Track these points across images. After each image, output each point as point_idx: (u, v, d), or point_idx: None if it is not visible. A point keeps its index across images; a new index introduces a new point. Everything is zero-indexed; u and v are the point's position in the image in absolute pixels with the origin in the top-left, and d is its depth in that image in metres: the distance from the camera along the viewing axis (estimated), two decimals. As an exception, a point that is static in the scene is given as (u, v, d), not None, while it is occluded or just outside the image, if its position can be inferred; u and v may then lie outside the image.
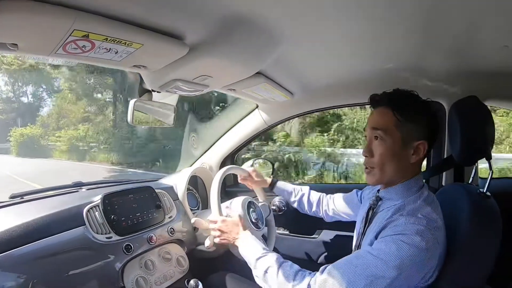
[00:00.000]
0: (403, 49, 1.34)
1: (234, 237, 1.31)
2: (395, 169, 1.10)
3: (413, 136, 1.07)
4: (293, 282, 1.04)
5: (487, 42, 1.23)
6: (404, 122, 1.07)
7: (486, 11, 0.96)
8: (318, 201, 1.70)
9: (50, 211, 1.22)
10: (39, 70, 14.63)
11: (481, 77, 1.58)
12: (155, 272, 1.40)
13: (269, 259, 1.14)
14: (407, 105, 1.09)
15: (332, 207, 1.64)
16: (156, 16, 0.87)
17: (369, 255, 0.97)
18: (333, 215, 1.65)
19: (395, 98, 1.10)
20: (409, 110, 1.08)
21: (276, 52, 1.26)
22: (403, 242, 0.94)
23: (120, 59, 0.97)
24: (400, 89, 1.12)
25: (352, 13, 1.00)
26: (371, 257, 0.96)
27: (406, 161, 1.08)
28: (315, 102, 2.03)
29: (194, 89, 1.34)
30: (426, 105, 1.11)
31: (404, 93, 1.12)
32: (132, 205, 1.45)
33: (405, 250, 0.93)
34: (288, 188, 1.76)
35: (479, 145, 1.18)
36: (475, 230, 1.05)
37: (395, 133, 1.07)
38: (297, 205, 1.73)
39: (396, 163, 1.09)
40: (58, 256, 1.14)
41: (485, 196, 1.14)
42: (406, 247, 0.93)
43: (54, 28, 0.74)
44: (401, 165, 1.09)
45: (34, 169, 10.86)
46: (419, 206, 1.04)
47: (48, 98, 16.02)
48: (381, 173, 1.11)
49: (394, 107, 1.08)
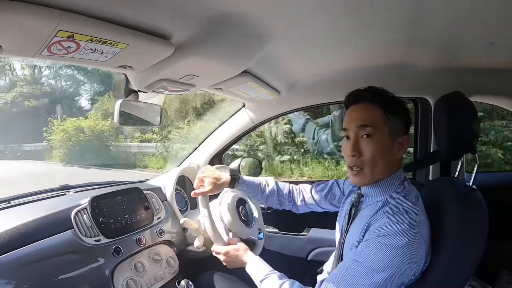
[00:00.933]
0: (389, 46, 1.35)
1: (241, 263, 1.33)
2: (385, 167, 1.09)
3: (398, 132, 1.08)
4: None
5: (473, 39, 1.26)
6: (391, 118, 1.07)
7: (471, 7, 0.98)
8: (289, 195, 1.57)
9: (38, 216, 1.20)
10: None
11: (466, 73, 1.62)
12: (145, 274, 1.38)
13: (272, 281, 1.18)
14: (391, 101, 1.10)
15: (307, 198, 1.55)
16: (141, 15, 0.86)
17: (356, 264, 1.00)
18: (306, 207, 1.56)
19: (380, 95, 1.10)
20: (394, 106, 1.09)
21: (262, 51, 1.26)
22: (387, 245, 0.96)
23: (106, 59, 0.96)
24: (374, 87, 1.12)
25: (337, 11, 1.01)
26: (360, 265, 0.99)
27: (393, 158, 1.09)
28: (302, 100, 2.04)
29: (181, 88, 1.34)
30: (404, 102, 1.13)
31: (383, 89, 1.12)
32: (121, 207, 1.44)
33: (390, 252, 0.95)
34: (253, 184, 1.53)
35: (465, 139, 1.20)
36: (462, 223, 1.06)
37: (384, 130, 1.07)
38: (264, 201, 1.55)
39: (385, 160, 1.08)
40: (47, 261, 1.12)
41: (471, 190, 1.16)
42: (390, 250, 0.95)
43: (38, 29, 0.73)
44: (389, 162, 1.09)
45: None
46: (401, 200, 1.05)
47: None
48: (372, 172, 1.09)
49: (381, 103, 1.08)
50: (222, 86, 1.53)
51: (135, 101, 1.40)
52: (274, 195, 1.54)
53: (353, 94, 1.14)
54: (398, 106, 1.10)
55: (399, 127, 1.09)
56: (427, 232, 1.03)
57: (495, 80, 1.67)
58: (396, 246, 0.95)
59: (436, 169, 1.80)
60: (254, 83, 1.55)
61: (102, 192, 1.43)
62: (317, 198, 1.52)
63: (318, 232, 1.99)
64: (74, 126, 12.59)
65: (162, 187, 1.78)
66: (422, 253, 0.99)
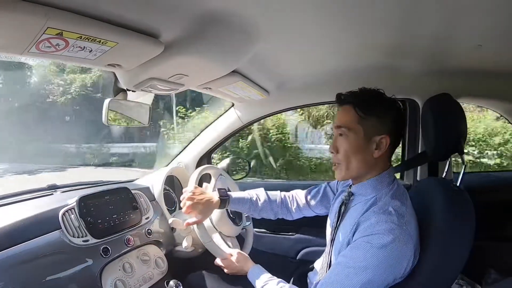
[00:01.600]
0: (377, 47, 1.37)
1: (243, 272, 1.38)
2: (360, 164, 1.13)
3: (375, 130, 1.10)
4: None
5: (461, 42, 1.28)
6: (365, 118, 1.10)
7: (460, 11, 1.00)
8: (282, 203, 1.55)
9: (25, 216, 1.18)
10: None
11: (454, 75, 1.64)
12: (133, 275, 1.37)
13: (272, 286, 1.22)
14: (368, 100, 1.12)
15: (301, 204, 1.56)
16: (131, 14, 0.86)
17: (346, 266, 1.02)
18: (301, 213, 1.57)
19: (356, 95, 1.13)
20: (370, 105, 1.11)
21: (251, 51, 1.27)
22: (375, 244, 0.98)
23: (94, 57, 0.95)
24: (365, 88, 1.15)
25: (326, 12, 1.02)
26: (349, 267, 1.01)
27: (369, 156, 1.11)
28: (291, 100, 2.05)
29: (170, 88, 1.34)
30: (388, 101, 1.14)
31: (367, 90, 1.14)
32: (109, 207, 1.42)
33: (378, 252, 0.97)
34: (244, 200, 1.48)
35: (452, 141, 1.22)
36: (449, 223, 1.08)
37: (358, 129, 1.10)
38: (258, 215, 1.53)
39: (360, 158, 1.12)
40: (35, 262, 1.10)
41: (459, 190, 1.18)
42: (378, 249, 0.97)
43: (27, 26, 0.72)
44: (365, 160, 1.12)
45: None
46: (390, 200, 1.07)
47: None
48: (347, 169, 1.14)
49: (355, 103, 1.11)
50: (211, 86, 1.53)
51: (124, 100, 1.39)
52: (267, 207, 1.51)
53: (337, 97, 1.18)
54: (378, 106, 1.11)
55: (375, 126, 1.10)
56: (415, 231, 1.05)
57: (482, 82, 1.71)
58: (384, 244, 0.97)
59: (424, 170, 1.82)
60: (243, 83, 1.56)
61: (90, 191, 1.41)
62: (312, 203, 1.54)
63: (307, 231, 2.00)
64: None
65: (151, 186, 1.77)
66: (410, 252, 1.01)
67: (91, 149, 12.10)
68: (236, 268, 1.40)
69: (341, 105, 1.16)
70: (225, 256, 1.43)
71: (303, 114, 8.53)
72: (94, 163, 11.45)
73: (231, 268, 1.41)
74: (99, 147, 12.05)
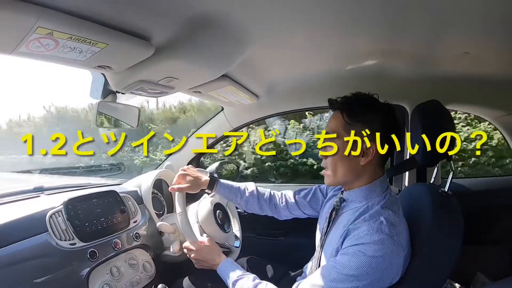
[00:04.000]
0: (367, 54, 1.39)
1: (211, 264, 1.33)
2: (346, 171, 1.12)
3: (362, 137, 1.09)
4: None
5: (448, 49, 1.30)
6: (351, 124, 1.09)
7: (447, 19, 1.02)
8: (270, 199, 1.54)
9: (11, 218, 1.16)
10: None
11: (442, 82, 1.67)
12: (121, 279, 1.35)
13: (246, 282, 1.18)
14: (355, 107, 1.11)
15: (289, 204, 1.54)
16: (122, 15, 0.86)
17: (334, 270, 1.01)
18: (289, 212, 1.55)
19: (344, 101, 1.13)
20: (357, 112, 1.10)
21: (242, 55, 1.27)
22: (365, 253, 0.98)
23: (84, 58, 0.95)
24: (357, 93, 1.14)
25: (316, 18, 1.03)
26: (338, 273, 1.00)
27: (356, 163, 1.10)
28: (280, 105, 2.06)
29: (159, 91, 1.34)
30: (377, 106, 1.12)
31: (358, 95, 1.14)
32: (96, 210, 1.41)
33: (368, 261, 0.97)
34: (232, 187, 1.52)
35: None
36: (438, 228, 1.10)
37: (343, 135, 1.09)
38: (244, 205, 1.53)
39: (346, 164, 1.11)
40: (21, 265, 1.09)
41: (447, 195, 1.19)
42: (368, 258, 0.97)
43: (17, 25, 0.71)
44: (351, 166, 1.11)
45: None
46: (381, 209, 1.06)
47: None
48: (334, 175, 1.14)
49: (342, 109, 1.12)
50: (201, 90, 1.53)
51: (113, 102, 1.38)
52: (254, 199, 1.51)
53: (328, 103, 1.17)
54: (361, 112, 1.10)
55: (362, 133, 1.09)
56: (406, 240, 1.05)
57: (471, 89, 1.74)
58: (374, 255, 0.97)
59: (412, 176, 1.84)
60: (233, 87, 1.56)
61: (78, 194, 1.40)
62: (300, 203, 1.52)
63: (297, 236, 2.00)
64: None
65: (139, 190, 1.76)
66: (400, 262, 1.02)
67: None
68: (205, 258, 1.35)
69: (332, 110, 1.17)
70: (196, 240, 1.39)
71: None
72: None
73: (201, 256, 1.35)
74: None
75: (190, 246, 1.38)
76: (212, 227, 1.52)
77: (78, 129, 1.37)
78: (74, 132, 1.33)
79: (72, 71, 2.05)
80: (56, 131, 8.64)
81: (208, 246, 1.38)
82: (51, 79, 11.97)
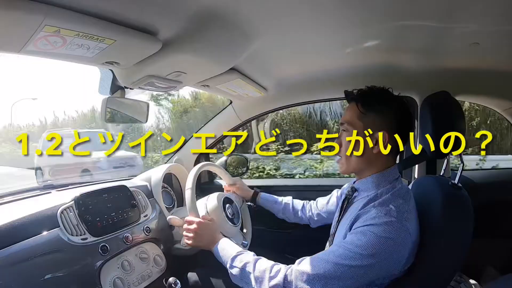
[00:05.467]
0: (376, 46, 1.37)
1: (209, 240, 1.31)
2: (359, 159, 1.14)
3: (375, 127, 1.11)
4: (269, 274, 1.06)
5: (457, 39, 1.28)
6: (366, 114, 1.12)
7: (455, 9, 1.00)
8: (303, 208, 1.71)
9: (23, 214, 1.18)
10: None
11: (452, 72, 1.64)
12: (132, 272, 1.37)
13: (246, 257, 1.16)
14: (369, 97, 1.14)
15: (317, 211, 1.65)
16: (128, 11, 0.86)
17: (342, 248, 1.01)
18: (318, 219, 1.66)
19: (360, 92, 1.16)
20: (371, 102, 1.13)
21: (250, 48, 1.26)
22: (373, 232, 0.98)
23: (92, 55, 0.95)
24: (372, 86, 1.17)
25: (324, 10, 1.02)
26: (345, 249, 1.00)
27: (369, 152, 1.12)
28: (289, 97, 2.05)
29: (168, 85, 1.33)
30: (391, 98, 1.15)
31: (372, 89, 1.16)
32: (107, 205, 1.42)
33: (376, 241, 0.97)
34: (272, 198, 1.76)
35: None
36: (447, 221, 1.08)
37: (358, 125, 1.13)
38: (282, 214, 1.73)
39: (359, 153, 1.13)
40: (33, 260, 1.10)
41: (457, 188, 1.17)
42: (376, 238, 0.97)
43: (24, 24, 0.72)
44: (364, 155, 1.13)
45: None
46: (391, 197, 1.07)
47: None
48: (347, 163, 1.18)
49: (357, 100, 1.14)
50: (209, 83, 1.53)
51: (122, 98, 1.38)
52: (289, 206, 1.72)
53: (345, 95, 1.21)
54: (376, 102, 1.13)
55: (376, 122, 1.12)
56: (414, 229, 1.05)
57: (481, 80, 1.71)
58: (382, 235, 0.97)
59: (421, 168, 1.82)
60: (241, 81, 1.56)
61: (88, 190, 1.41)
62: (321, 207, 1.65)
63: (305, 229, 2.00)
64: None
65: (149, 184, 1.77)
66: (407, 248, 1.01)
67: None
68: (205, 233, 1.33)
69: (348, 102, 1.20)
70: (198, 216, 1.39)
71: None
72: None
73: (200, 230, 1.33)
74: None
75: (192, 219, 1.36)
76: (220, 218, 1.52)
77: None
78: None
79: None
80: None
81: (209, 223, 1.37)
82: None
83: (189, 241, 1.35)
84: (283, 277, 1.04)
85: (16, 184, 1.53)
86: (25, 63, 16.96)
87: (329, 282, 0.98)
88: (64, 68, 15.94)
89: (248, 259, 1.15)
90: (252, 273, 1.10)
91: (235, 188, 1.77)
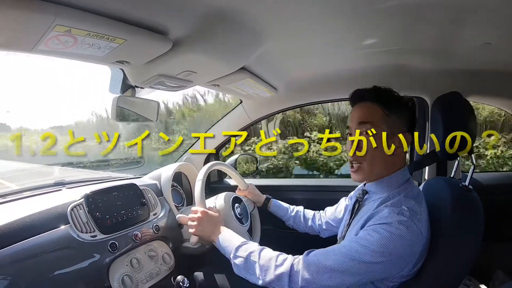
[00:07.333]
0: (386, 47, 1.36)
1: (212, 231, 1.30)
2: (383, 163, 1.12)
3: (397, 129, 1.10)
4: (276, 263, 1.07)
5: (469, 40, 1.26)
6: (389, 115, 1.11)
7: (466, 9, 0.98)
8: (313, 217, 1.69)
9: (33, 211, 1.20)
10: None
11: (463, 73, 1.62)
12: (141, 270, 1.38)
13: (250, 246, 1.16)
14: (391, 99, 1.13)
15: (325, 219, 1.64)
16: (139, 10, 0.86)
17: (353, 242, 1.01)
18: (327, 228, 1.64)
19: (380, 93, 1.13)
20: (393, 104, 1.12)
21: (260, 48, 1.26)
22: (386, 230, 0.97)
23: (103, 54, 0.95)
24: (387, 88, 1.15)
25: (334, 11, 1.01)
26: (356, 244, 1.00)
27: (392, 154, 1.11)
28: (299, 97, 2.04)
29: (178, 84, 1.34)
30: (406, 99, 1.15)
31: (388, 90, 1.15)
32: (117, 203, 1.43)
33: (388, 238, 0.96)
34: (283, 205, 1.75)
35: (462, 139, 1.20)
36: (458, 223, 1.07)
37: (382, 127, 1.10)
38: (292, 222, 1.72)
39: (384, 156, 1.11)
40: (43, 256, 1.11)
41: (467, 190, 1.16)
42: (389, 235, 0.96)
43: (36, 23, 0.72)
44: (388, 158, 1.11)
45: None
46: (404, 199, 1.06)
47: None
48: (370, 168, 1.13)
49: (380, 101, 1.12)
50: (219, 83, 1.53)
51: (132, 97, 1.39)
52: (300, 215, 1.71)
53: (356, 94, 1.18)
54: (398, 104, 1.13)
55: (397, 125, 1.11)
56: (426, 230, 1.04)
57: (492, 81, 1.68)
58: (394, 233, 0.96)
59: (432, 169, 1.80)
60: (251, 80, 1.55)
61: (98, 187, 1.42)
62: (329, 215, 1.64)
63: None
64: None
65: (158, 183, 1.78)
66: (418, 248, 1.01)
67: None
68: (209, 223, 1.33)
69: (361, 102, 1.16)
70: (205, 207, 1.39)
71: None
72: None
73: (205, 220, 1.33)
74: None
75: (197, 208, 1.37)
76: (229, 215, 1.52)
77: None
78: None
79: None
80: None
81: (215, 214, 1.37)
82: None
83: (192, 229, 1.35)
84: (289, 266, 1.04)
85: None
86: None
87: (336, 276, 0.98)
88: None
89: (253, 249, 1.14)
90: (257, 262, 1.10)
91: (247, 192, 1.77)
